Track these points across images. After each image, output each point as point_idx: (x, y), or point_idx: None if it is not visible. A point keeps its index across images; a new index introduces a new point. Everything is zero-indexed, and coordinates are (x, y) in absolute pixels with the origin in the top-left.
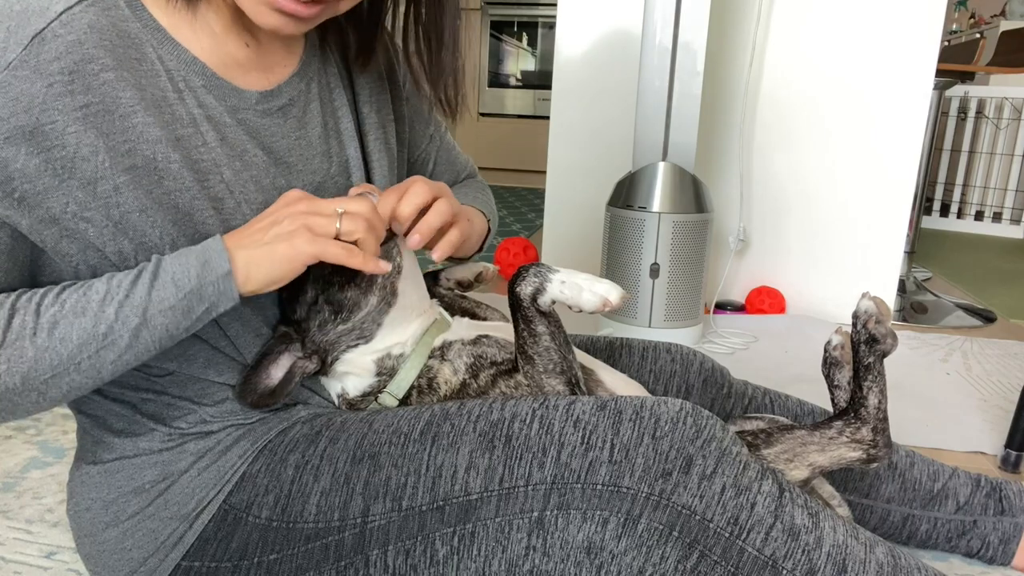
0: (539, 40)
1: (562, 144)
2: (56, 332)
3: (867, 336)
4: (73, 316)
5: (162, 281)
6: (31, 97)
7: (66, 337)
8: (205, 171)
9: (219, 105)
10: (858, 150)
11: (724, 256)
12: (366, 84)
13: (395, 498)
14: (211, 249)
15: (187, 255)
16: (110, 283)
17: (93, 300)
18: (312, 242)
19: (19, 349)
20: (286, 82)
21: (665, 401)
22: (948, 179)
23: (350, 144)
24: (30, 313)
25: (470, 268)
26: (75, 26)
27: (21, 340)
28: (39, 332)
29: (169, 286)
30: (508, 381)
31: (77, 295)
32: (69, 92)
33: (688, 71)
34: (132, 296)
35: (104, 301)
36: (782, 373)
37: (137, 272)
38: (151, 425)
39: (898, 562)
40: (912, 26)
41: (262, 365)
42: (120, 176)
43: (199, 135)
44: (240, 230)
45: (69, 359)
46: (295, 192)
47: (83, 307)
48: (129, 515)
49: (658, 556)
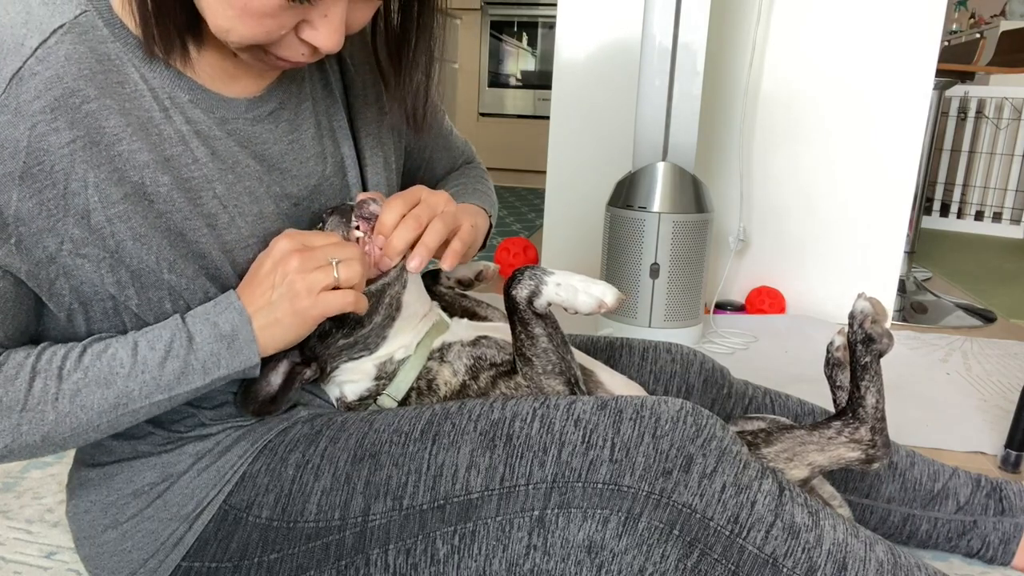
0: (539, 40)
1: (562, 144)
2: (78, 399)
3: (863, 336)
4: (96, 386)
5: (192, 368)
6: (16, 141)
7: (88, 405)
8: (197, 188)
9: (207, 118)
10: (858, 150)
11: (724, 256)
12: (359, 77)
13: (396, 497)
14: (241, 338)
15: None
16: (135, 356)
17: (118, 373)
18: (316, 304)
19: (40, 413)
20: (274, 84)
21: (665, 400)
22: (948, 179)
23: (344, 142)
24: (52, 378)
25: (471, 267)
26: (52, 61)
27: (43, 405)
28: (60, 399)
29: (198, 373)
30: (508, 382)
31: (100, 364)
32: (54, 130)
33: (688, 71)
34: (160, 379)
35: (130, 376)
36: (782, 373)
37: (165, 351)
38: (149, 428)
39: (898, 560)
40: (912, 26)
41: (262, 373)
42: (111, 208)
43: (189, 152)
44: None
45: (88, 423)
46: (283, 243)
47: (107, 378)
48: (128, 517)
49: (659, 555)
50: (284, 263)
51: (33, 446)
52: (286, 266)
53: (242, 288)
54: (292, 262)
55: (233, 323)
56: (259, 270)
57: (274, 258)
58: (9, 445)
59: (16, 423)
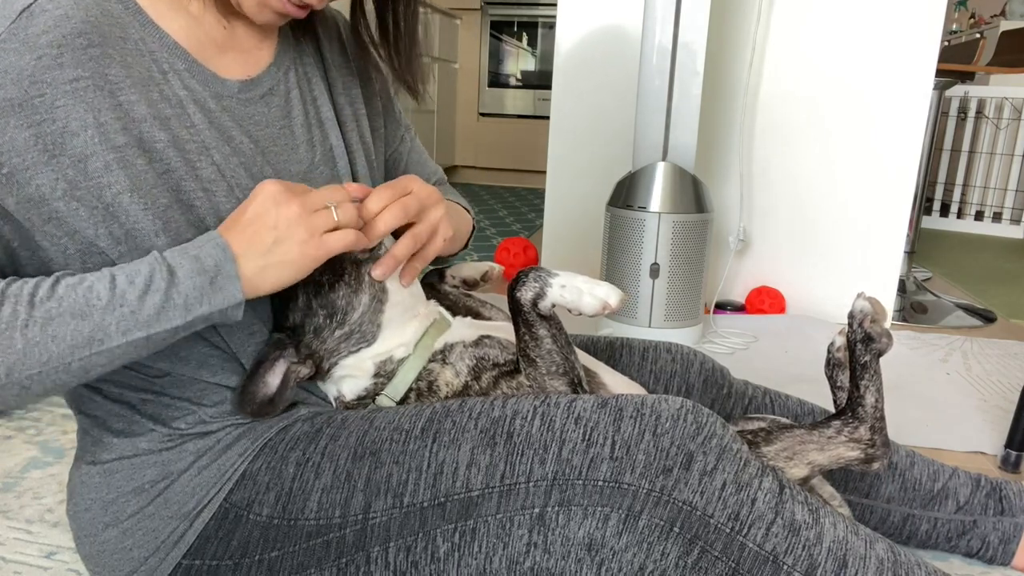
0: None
1: (562, 144)
2: (49, 329)
3: (863, 335)
4: (70, 317)
5: (173, 303)
6: (20, 70)
7: (60, 336)
8: (195, 152)
9: (204, 90)
10: (858, 150)
11: (724, 256)
12: (339, 76)
13: (396, 495)
14: (224, 274)
15: (198, 273)
16: (113, 290)
17: (95, 305)
18: (319, 246)
19: (8, 339)
20: (265, 71)
21: (666, 399)
22: (948, 179)
23: (332, 132)
24: (22, 304)
25: (476, 267)
26: (61, 1)
27: (11, 331)
28: (31, 326)
29: (179, 309)
30: (511, 382)
31: (75, 295)
32: (58, 65)
33: (688, 71)
34: (139, 313)
35: (106, 309)
36: (782, 373)
37: (145, 285)
38: (150, 425)
39: (898, 558)
40: (912, 26)
41: (258, 373)
42: (110, 153)
43: (186, 116)
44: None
45: (59, 358)
46: (273, 186)
47: (82, 310)
48: (129, 515)
49: (659, 552)
50: (284, 207)
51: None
52: (287, 210)
53: (226, 229)
54: (292, 206)
55: (216, 258)
56: (248, 213)
57: (270, 200)
58: None
59: None
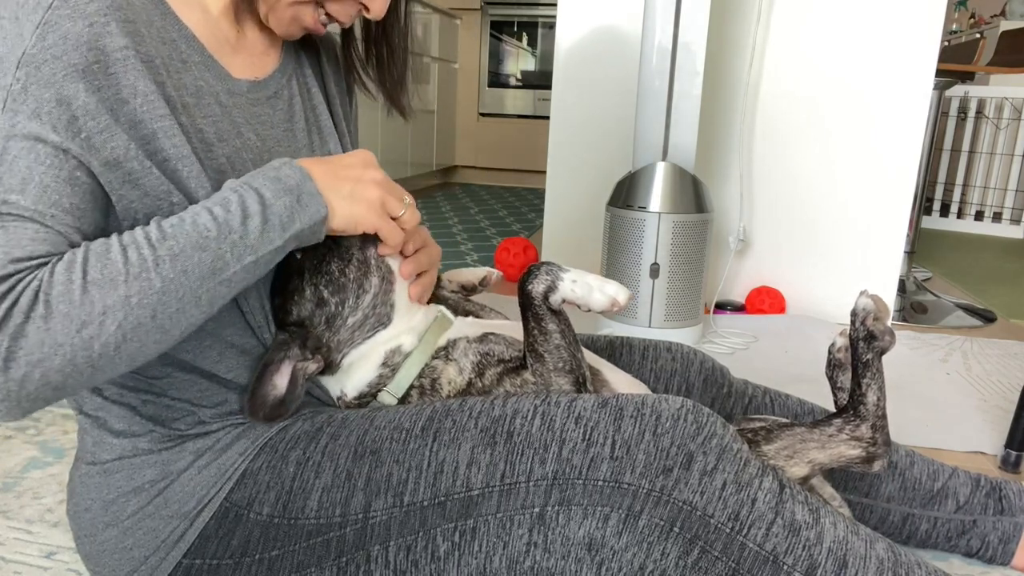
0: (539, 40)
1: (562, 144)
2: (178, 264)
3: (865, 333)
4: (192, 250)
5: (271, 224)
6: (78, 35)
7: (189, 270)
8: (209, 142)
9: (218, 85)
10: (858, 150)
11: (724, 256)
12: (335, 90)
13: (396, 494)
14: (307, 192)
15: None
16: (216, 221)
17: (208, 236)
18: (381, 217)
19: (146, 281)
20: (271, 75)
21: (666, 398)
22: (948, 179)
23: (330, 140)
24: (144, 247)
25: (474, 272)
26: None
27: (146, 272)
28: (161, 264)
29: (277, 229)
30: (515, 379)
31: (186, 230)
32: (108, 33)
33: (688, 71)
34: (246, 238)
35: (219, 238)
36: (782, 373)
37: (241, 211)
38: (150, 426)
39: (898, 558)
40: (912, 26)
41: (265, 377)
42: (155, 122)
43: (202, 106)
44: (322, 165)
45: (192, 292)
46: (371, 156)
47: (199, 242)
48: (129, 514)
49: (659, 552)
50: (370, 170)
51: (143, 326)
52: (373, 174)
53: (308, 162)
54: (378, 174)
55: (295, 178)
56: (338, 160)
57: (362, 161)
58: (122, 324)
59: (124, 295)
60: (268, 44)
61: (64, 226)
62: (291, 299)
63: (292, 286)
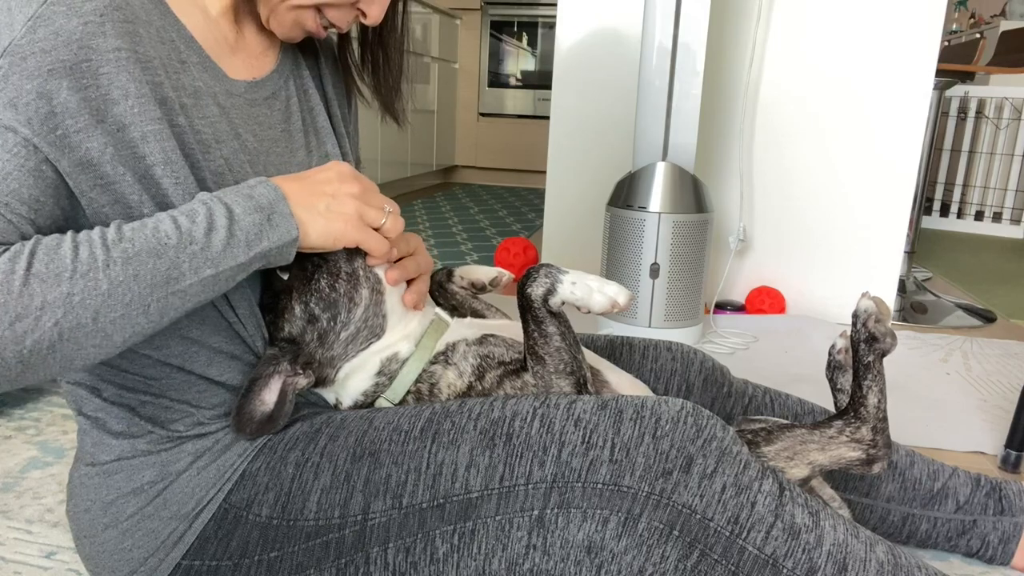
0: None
1: (562, 144)
2: (130, 268)
3: (867, 335)
4: (146, 256)
5: (236, 240)
6: (70, 33)
7: (140, 275)
8: (206, 143)
9: (216, 85)
10: (858, 150)
11: (724, 256)
12: (333, 92)
13: (395, 496)
14: (278, 212)
15: (255, 210)
16: (179, 229)
17: (167, 244)
18: (360, 230)
19: (93, 281)
20: (268, 76)
21: (666, 400)
22: (948, 179)
23: (327, 140)
24: (97, 247)
25: (486, 272)
26: None
27: (94, 272)
28: (112, 266)
29: (242, 245)
30: (515, 382)
31: (145, 235)
32: (102, 33)
33: (688, 71)
34: (207, 250)
35: (178, 247)
36: (782, 373)
37: (207, 223)
38: (149, 427)
39: (898, 561)
40: (912, 26)
41: (253, 392)
42: (147, 125)
43: (201, 106)
44: (297, 183)
45: (140, 299)
46: (347, 167)
47: (155, 248)
48: (128, 515)
49: (658, 555)
50: (346, 183)
51: (83, 328)
52: (348, 187)
53: (282, 179)
54: (354, 187)
55: (268, 198)
56: (313, 176)
57: (337, 174)
58: (60, 321)
59: (67, 292)
60: (266, 46)
61: (17, 216)
62: (282, 316)
63: (282, 304)
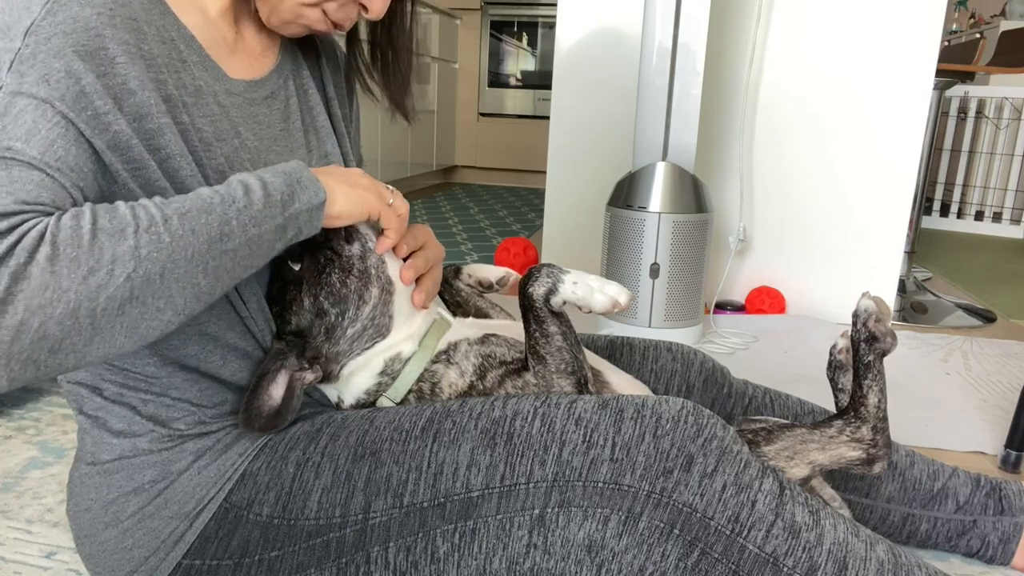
0: (539, 40)
1: (562, 144)
2: (187, 223)
3: (867, 335)
4: (198, 212)
5: (272, 200)
6: (86, 20)
7: (197, 230)
8: (208, 141)
9: (216, 84)
10: (858, 150)
11: (724, 256)
12: (335, 92)
13: (396, 495)
14: (306, 178)
15: (283, 174)
16: (219, 194)
17: (213, 202)
18: (381, 202)
19: (156, 235)
20: (267, 76)
21: (666, 400)
22: (948, 179)
23: (327, 140)
24: (152, 207)
25: (493, 271)
26: None
27: (155, 227)
28: (169, 221)
29: (278, 205)
30: (516, 381)
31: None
32: (113, 25)
33: (688, 71)
34: (250, 208)
35: (224, 204)
36: (782, 373)
37: (244, 188)
38: (150, 426)
39: (898, 560)
40: (912, 26)
41: (261, 387)
42: (162, 117)
43: (201, 105)
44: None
45: (199, 256)
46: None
47: (204, 207)
48: (129, 515)
49: (659, 554)
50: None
51: (151, 285)
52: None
53: None
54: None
55: (294, 166)
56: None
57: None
58: (131, 276)
59: (134, 245)
60: (266, 45)
61: (69, 181)
62: (290, 308)
63: (290, 295)
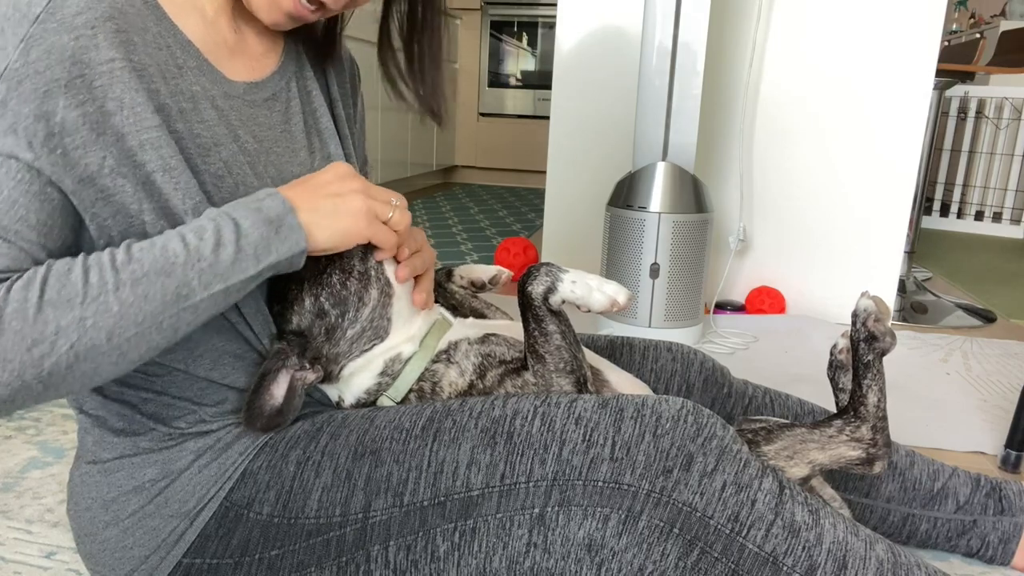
0: (539, 40)
1: (562, 144)
2: (139, 289)
3: (866, 334)
4: (155, 275)
5: (244, 254)
6: (62, 49)
7: (151, 296)
8: (205, 147)
9: (214, 88)
10: (858, 150)
11: (724, 256)
12: (339, 95)
13: (396, 494)
14: (287, 224)
15: (263, 223)
16: (187, 247)
17: (175, 262)
18: (370, 225)
19: (104, 304)
20: (269, 77)
21: (666, 399)
22: (948, 179)
23: (331, 141)
24: (107, 270)
25: (485, 270)
26: None
27: (104, 296)
28: (121, 288)
29: (251, 259)
30: (516, 380)
31: (153, 254)
32: (94, 46)
33: (688, 71)
34: (216, 266)
35: (186, 265)
36: (782, 373)
37: (215, 239)
38: (151, 425)
39: (898, 559)
40: (912, 26)
41: (263, 387)
42: (144, 133)
43: (198, 111)
44: (299, 189)
45: (152, 317)
46: (344, 167)
47: (164, 268)
48: (129, 513)
49: (659, 553)
50: (347, 181)
51: (98, 349)
52: (351, 184)
53: (287, 187)
54: (355, 183)
55: (277, 210)
56: (314, 179)
57: (336, 174)
58: (75, 345)
59: (79, 316)
60: (268, 47)
61: (27, 243)
62: (291, 308)
63: (291, 294)
